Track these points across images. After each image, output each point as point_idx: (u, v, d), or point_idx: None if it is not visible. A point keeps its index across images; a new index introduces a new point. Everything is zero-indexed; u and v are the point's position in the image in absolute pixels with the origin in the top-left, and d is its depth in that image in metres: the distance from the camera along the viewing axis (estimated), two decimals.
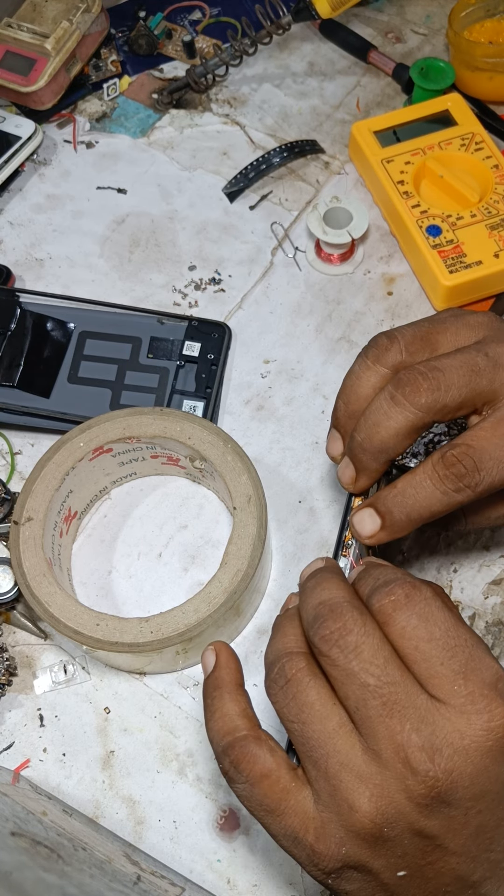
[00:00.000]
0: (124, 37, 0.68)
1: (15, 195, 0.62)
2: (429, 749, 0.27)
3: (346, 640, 0.28)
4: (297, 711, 0.29)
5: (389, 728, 0.27)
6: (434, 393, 0.34)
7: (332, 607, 0.29)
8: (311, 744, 0.28)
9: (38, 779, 0.43)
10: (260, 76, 0.66)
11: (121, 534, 0.48)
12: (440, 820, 0.27)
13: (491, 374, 0.35)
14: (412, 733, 0.27)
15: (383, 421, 0.35)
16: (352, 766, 0.28)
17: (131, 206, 0.61)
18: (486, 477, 0.34)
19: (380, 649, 0.28)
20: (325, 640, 0.29)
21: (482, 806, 0.27)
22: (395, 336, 0.37)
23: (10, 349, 0.51)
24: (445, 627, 0.28)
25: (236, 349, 0.54)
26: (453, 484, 0.34)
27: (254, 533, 0.41)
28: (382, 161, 0.57)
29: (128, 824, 0.42)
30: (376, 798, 0.27)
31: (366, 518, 0.36)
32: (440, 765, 0.27)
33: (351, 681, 0.28)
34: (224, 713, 0.31)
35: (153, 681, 0.45)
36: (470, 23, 0.63)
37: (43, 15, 0.64)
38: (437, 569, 0.47)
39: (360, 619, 0.29)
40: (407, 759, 0.27)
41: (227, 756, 0.30)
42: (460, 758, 0.27)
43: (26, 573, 0.41)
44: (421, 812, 0.27)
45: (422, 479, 0.35)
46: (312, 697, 0.29)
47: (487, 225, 0.54)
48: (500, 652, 0.44)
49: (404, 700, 0.27)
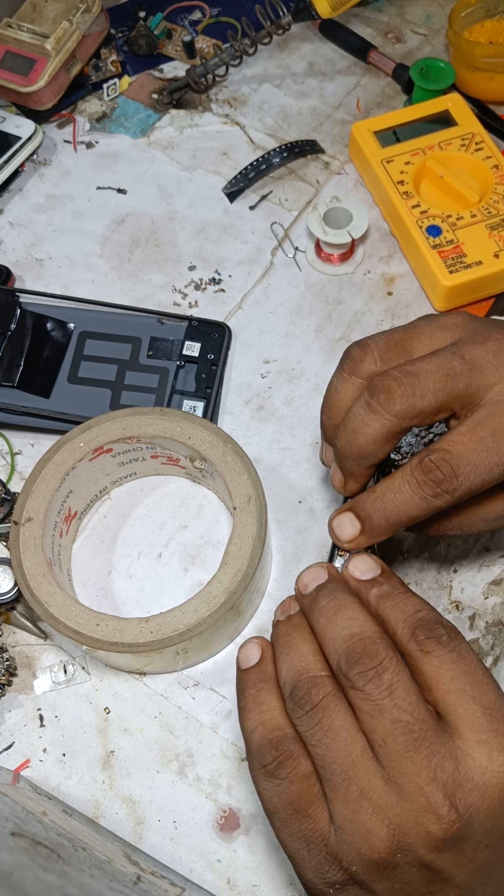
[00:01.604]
0: (124, 37, 0.68)
1: (15, 195, 0.62)
2: (451, 785, 0.27)
3: (381, 678, 0.29)
4: (322, 736, 0.29)
5: (415, 763, 0.28)
6: (409, 399, 0.34)
7: (367, 643, 0.30)
8: (334, 768, 0.29)
9: (38, 779, 0.43)
10: (260, 76, 0.66)
11: (121, 534, 0.48)
12: (451, 854, 0.28)
13: (467, 377, 0.34)
14: (437, 770, 0.28)
15: (361, 428, 0.35)
16: (372, 795, 0.28)
17: (131, 206, 0.61)
18: (464, 482, 0.34)
19: (412, 688, 0.29)
20: (363, 676, 0.29)
21: (490, 841, 0.28)
22: (368, 345, 0.36)
23: (10, 349, 0.51)
24: (476, 668, 0.29)
25: (236, 349, 0.54)
26: (431, 489, 0.34)
27: (254, 533, 0.41)
28: (382, 161, 0.57)
29: (128, 824, 0.42)
30: (393, 828, 0.28)
31: (345, 522, 0.36)
32: (460, 801, 0.27)
33: (382, 716, 0.29)
34: (270, 707, 0.31)
35: (153, 681, 0.45)
36: (470, 23, 0.63)
37: (43, 15, 0.64)
38: (437, 569, 0.47)
39: (394, 657, 0.30)
40: (428, 797, 0.27)
41: (272, 750, 0.30)
42: (478, 793, 0.27)
43: (26, 573, 0.41)
44: (433, 849, 0.28)
45: (401, 484, 0.35)
46: (338, 724, 0.29)
47: (487, 225, 0.54)
48: (501, 652, 0.44)
49: (432, 737, 0.28)
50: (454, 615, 0.45)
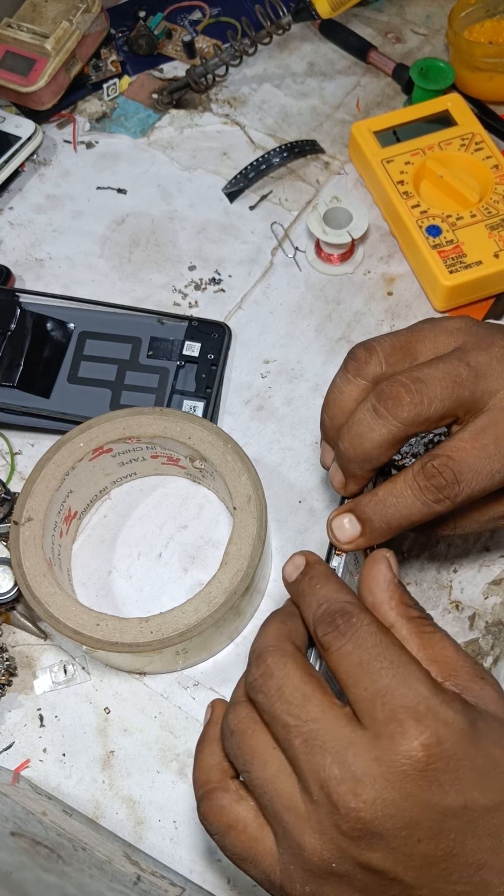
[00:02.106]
0: (124, 37, 0.68)
1: (15, 195, 0.62)
2: (349, 780, 0.26)
3: (267, 685, 0.29)
4: (243, 760, 0.29)
5: (312, 764, 0.27)
6: (417, 407, 0.34)
7: (259, 653, 0.30)
8: (259, 790, 0.29)
9: (38, 779, 0.43)
10: (260, 76, 0.66)
11: (121, 534, 0.48)
12: (381, 852, 0.27)
13: (472, 384, 0.34)
14: (332, 766, 0.27)
15: (366, 433, 0.35)
16: (293, 807, 0.28)
17: (131, 206, 0.61)
18: (466, 488, 0.34)
19: (298, 688, 0.28)
20: (251, 686, 0.29)
21: (420, 835, 0.26)
22: (374, 347, 0.36)
23: (10, 349, 0.51)
24: (375, 651, 0.28)
25: (236, 349, 0.54)
26: (433, 495, 0.34)
27: (254, 533, 0.41)
28: (382, 161, 0.57)
29: (128, 824, 0.42)
30: (318, 836, 0.27)
31: (345, 524, 0.36)
32: (361, 795, 0.26)
33: (275, 723, 0.28)
34: (201, 766, 0.32)
35: (153, 681, 0.45)
36: (470, 23, 0.63)
37: (43, 15, 0.64)
38: (437, 569, 0.47)
39: (280, 660, 0.29)
40: (329, 793, 0.27)
41: (199, 808, 0.31)
42: (381, 785, 0.26)
43: (26, 573, 0.41)
44: (358, 845, 0.27)
45: (402, 488, 0.35)
46: (253, 744, 0.29)
47: (487, 225, 0.54)
48: (501, 652, 0.44)
49: (325, 734, 0.27)
50: (454, 615, 0.45)
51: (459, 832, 0.27)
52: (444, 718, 0.27)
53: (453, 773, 0.26)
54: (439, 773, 0.26)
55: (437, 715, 0.27)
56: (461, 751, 0.27)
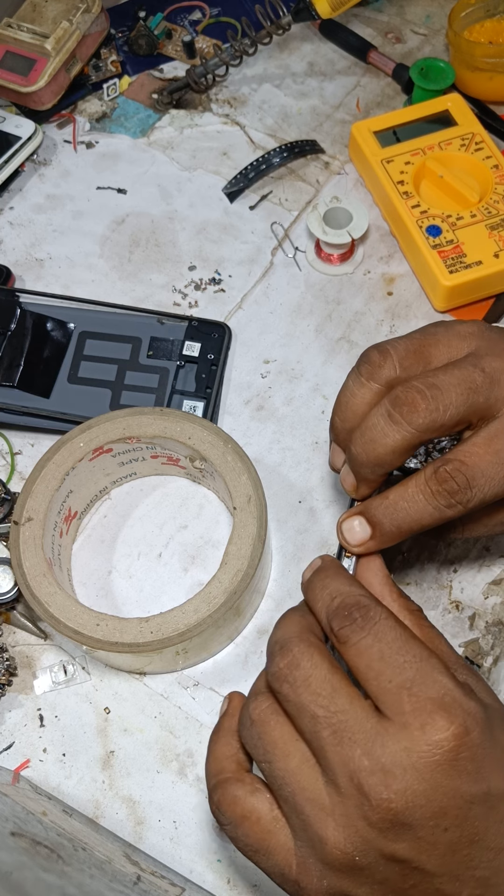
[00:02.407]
0: (124, 37, 0.68)
1: (15, 195, 0.62)
2: (379, 772, 0.27)
3: (294, 675, 0.29)
4: (263, 751, 0.29)
5: (341, 756, 0.27)
6: (433, 413, 0.34)
7: (283, 644, 0.30)
8: (280, 782, 0.29)
9: (38, 779, 0.43)
10: (260, 76, 0.66)
11: (121, 534, 0.48)
12: (408, 842, 0.27)
13: (487, 390, 0.34)
14: (363, 758, 0.27)
15: (380, 438, 0.34)
16: (316, 799, 0.28)
17: (131, 206, 0.61)
18: (478, 494, 0.34)
19: (327, 679, 0.28)
20: (276, 677, 0.29)
21: (447, 823, 0.27)
22: (388, 351, 0.36)
23: (10, 349, 0.51)
24: (397, 645, 0.28)
25: (236, 349, 0.54)
26: (445, 500, 0.34)
27: (254, 533, 0.41)
28: (382, 161, 0.57)
29: (128, 824, 0.42)
30: (342, 828, 0.27)
31: (356, 527, 0.36)
32: (392, 786, 0.26)
33: (302, 714, 0.28)
34: (216, 756, 0.32)
35: (153, 681, 0.45)
36: (470, 23, 0.63)
37: (43, 15, 0.64)
38: (437, 569, 0.47)
39: (307, 651, 0.29)
40: (360, 785, 0.27)
41: (212, 798, 0.31)
42: (411, 776, 0.27)
43: (26, 573, 0.41)
44: (386, 836, 0.27)
45: (414, 492, 0.34)
46: (275, 736, 0.29)
47: (487, 225, 0.54)
48: (501, 652, 0.44)
49: (353, 726, 0.28)
50: (454, 615, 0.45)
51: (482, 818, 0.27)
52: (468, 709, 0.27)
53: (479, 761, 0.27)
54: (467, 762, 0.27)
55: (462, 706, 0.27)
56: (484, 739, 0.27)
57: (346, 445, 0.37)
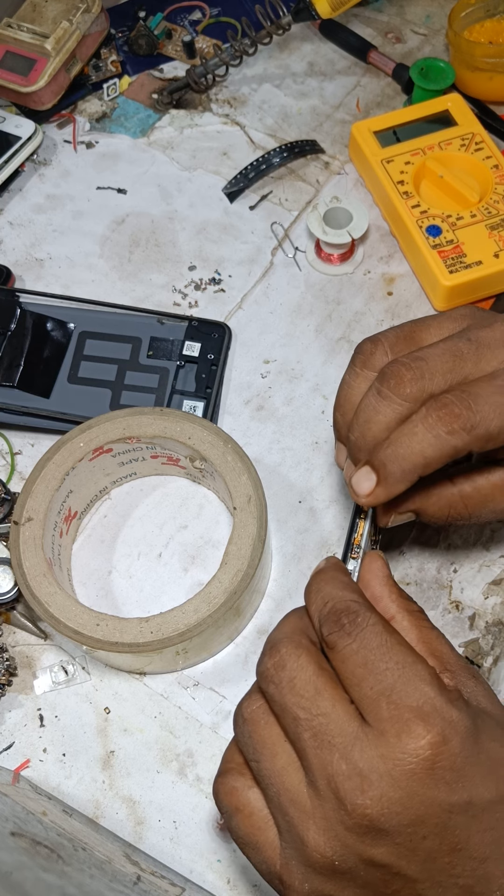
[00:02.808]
0: (124, 37, 0.68)
1: (15, 195, 0.62)
2: (356, 776, 0.27)
3: (279, 676, 0.29)
4: (252, 750, 0.29)
5: (320, 759, 0.27)
6: (418, 382, 0.33)
7: (273, 644, 0.30)
8: (266, 781, 0.29)
9: (38, 779, 0.43)
10: (260, 76, 0.66)
11: (121, 534, 0.48)
12: (386, 847, 0.27)
13: (475, 356, 0.34)
14: (340, 762, 0.27)
15: (373, 416, 0.34)
16: (299, 801, 0.28)
17: (131, 206, 0.61)
18: (483, 420, 0.32)
19: (311, 681, 0.28)
20: (262, 676, 0.29)
21: (425, 831, 0.27)
22: (379, 339, 0.36)
23: (10, 349, 0.51)
24: (381, 652, 0.28)
25: (236, 349, 0.54)
26: (446, 425, 0.32)
27: (254, 533, 0.41)
28: (382, 161, 0.57)
29: (128, 824, 0.42)
30: (322, 832, 0.27)
31: (362, 478, 0.35)
32: (367, 792, 0.26)
33: (285, 715, 0.28)
34: (228, 746, 0.32)
35: (153, 681, 0.45)
36: (470, 23, 0.63)
37: (43, 15, 0.64)
38: (437, 569, 0.47)
39: (294, 652, 0.29)
40: (337, 789, 0.27)
41: (214, 784, 0.31)
42: (386, 783, 0.26)
43: (26, 573, 0.41)
44: (363, 841, 0.27)
45: (414, 424, 0.33)
46: (264, 735, 0.29)
47: (487, 225, 0.54)
48: (501, 652, 0.44)
49: (333, 730, 0.27)
50: (454, 615, 0.45)
51: (464, 828, 0.27)
52: (448, 718, 0.27)
53: (458, 770, 0.27)
54: (445, 771, 0.26)
55: (443, 714, 0.27)
56: (465, 748, 0.27)
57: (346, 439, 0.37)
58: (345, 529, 0.48)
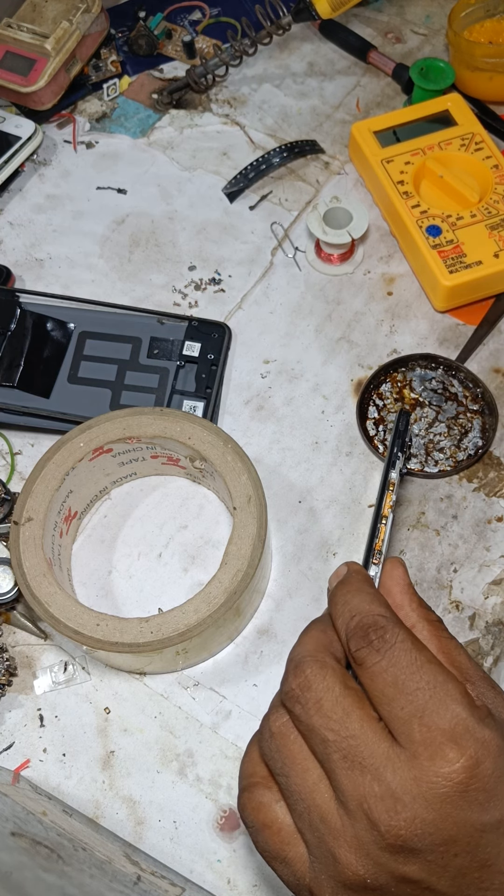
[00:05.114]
0: (124, 37, 0.68)
1: (15, 195, 0.62)
2: (389, 798, 0.27)
3: (305, 697, 0.28)
4: (281, 765, 0.29)
5: (352, 780, 0.27)
6: None
7: (297, 663, 0.30)
8: (295, 797, 0.29)
9: (38, 779, 0.43)
10: (260, 76, 0.66)
11: (121, 534, 0.48)
12: (418, 864, 0.27)
13: None
14: (373, 784, 0.27)
15: None
16: (329, 820, 0.28)
17: (131, 206, 0.61)
18: None
19: (339, 702, 0.28)
20: (288, 697, 0.29)
21: (457, 850, 0.27)
22: None
23: (10, 349, 0.51)
24: (411, 670, 0.28)
25: (236, 349, 0.54)
26: None
27: (254, 533, 0.41)
28: (382, 161, 0.57)
29: (128, 824, 0.42)
30: (354, 851, 0.27)
31: None
32: (401, 813, 0.26)
33: (313, 736, 0.28)
34: (251, 757, 0.32)
35: (153, 681, 0.45)
36: (470, 23, 0.63)
37: (43, 15, 0.64)
38: (437, 569, 0.47)
39: (319, 672, 0.29)
40: (369, 810, 0.27)
41: (239, 799, 0.31)
42: (420, 805, 0.26)
43: (26, 573, 0.41)
44: (396, 860, 0.27)
45: None
46: (294, 750, 0.29)
47: (487, 225, 0.54)
48: (501, 652, 0.44)
49: (364, 751, 0.27)
50: (454, 615, 0.45)
51: (494, 845, 0.27)
52: (480, 738, 0.27)
53: (490, 791, 0.27)
54: (478, 792, 0.27)
55: (475, 735, 0.27)
56: (497, 768, 0.27)
57: None
58: (344, 529, 0.48)
